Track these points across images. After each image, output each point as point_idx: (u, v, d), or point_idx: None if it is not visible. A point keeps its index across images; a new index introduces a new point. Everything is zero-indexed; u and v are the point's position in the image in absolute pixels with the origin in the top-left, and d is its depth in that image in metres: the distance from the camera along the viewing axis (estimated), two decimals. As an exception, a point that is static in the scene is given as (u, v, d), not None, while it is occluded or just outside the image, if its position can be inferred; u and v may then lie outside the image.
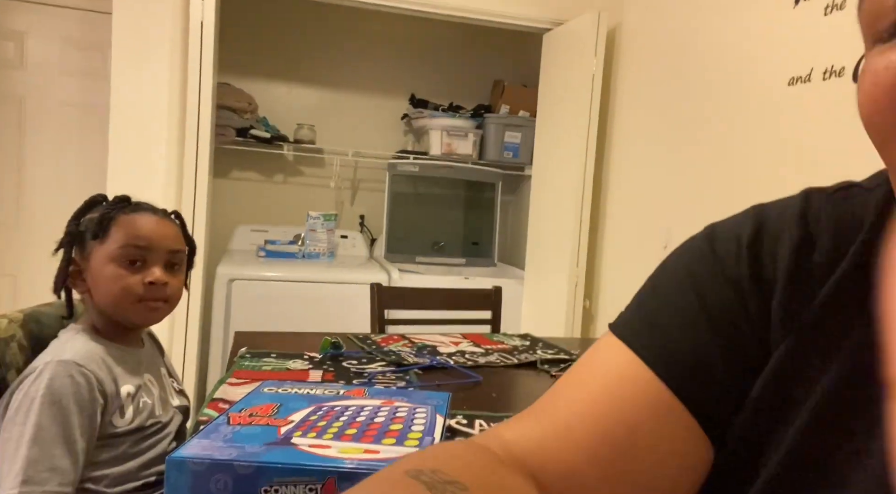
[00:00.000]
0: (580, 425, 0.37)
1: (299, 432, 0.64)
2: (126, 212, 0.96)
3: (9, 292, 2.58)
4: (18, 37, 2.55)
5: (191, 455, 0.56)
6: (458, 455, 0.35)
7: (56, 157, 2.62)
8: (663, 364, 0.38)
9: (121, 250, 0.93)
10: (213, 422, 0.66)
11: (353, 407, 0.73)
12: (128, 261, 0.93)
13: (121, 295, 0.93)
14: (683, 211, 2.00)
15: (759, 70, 1.73)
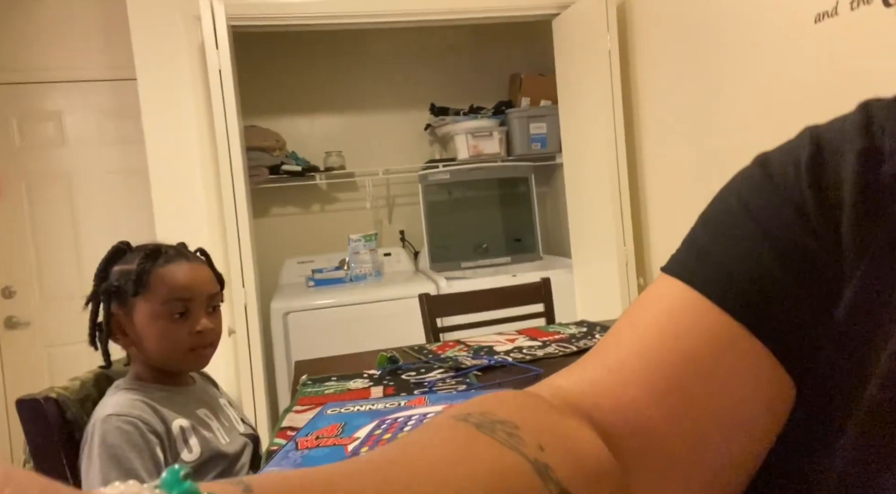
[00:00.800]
0: (634, 360, 0.35)
1: (366, 448, 0.64)
2: (161, 264, 0.97)
3: (84, 358, 2.71)
4: (57, 116, 2.69)
5: None
6: (507, 400, 0.34)
7: (108, 224, 2.75)
8: (721, 292, 0.34)
9: (165, 306, 0.95)
10: (282, 450, 0.67)
11: (416, 416, 0.73)
12: (173, 315, 0.96)
13: (172, 349, 0.97)
14: (723, 170, 1.92)
15: (782, 11, 1.66)
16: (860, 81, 1.44)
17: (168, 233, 2.27)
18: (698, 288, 0.35)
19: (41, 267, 2.69)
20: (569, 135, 2.68)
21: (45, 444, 0.90)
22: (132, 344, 0.99)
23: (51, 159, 2.69)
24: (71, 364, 2.69)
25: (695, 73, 2.04)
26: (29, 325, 2.66)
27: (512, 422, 0.29)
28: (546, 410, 0.33)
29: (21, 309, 2.66)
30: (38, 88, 2.67)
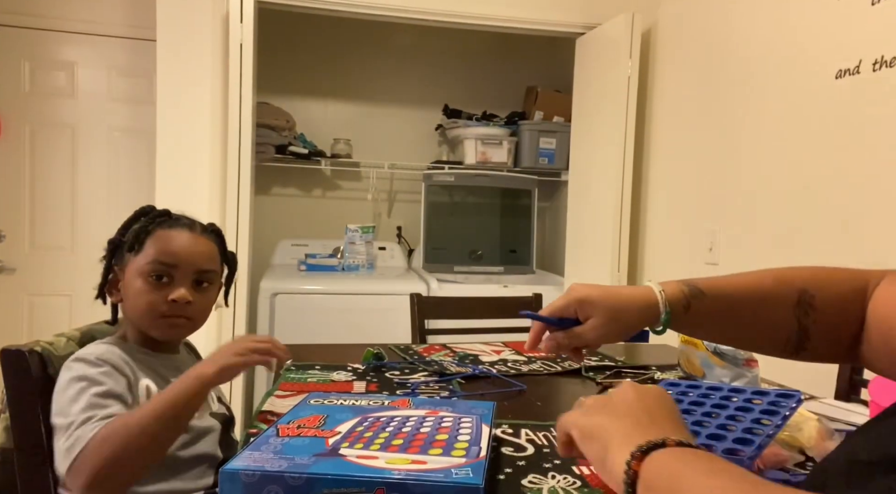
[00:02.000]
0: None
1: (346, 443, 0.64)
2: (163, 227, 0.98)
3: (65, 311, 2.70)
4: (70, 66, 2.67)
5: (243, 467, 0.58)
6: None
7: (107, 181, 2.73)
8: None
9: (149, 266, 0.95)
10: (262, 434, 0.67)
11: (399, 418, 0.74)
12: (154, 277, 0.95)
13: (144, 310, 0.96)
14: (728, 212, 1.95)
15: (803, 64, 1.68)
16: (875, 141, 1.47)
17: (167, 198, 2.26)
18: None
19: (34, 214, 2.67)
20: (578, 154, 2.70)
21: (25, 396, 0.89)
22: (120, 300, 1.00)
23: (58, 109, 2.67)
24: (52, 315, 2.68)
25: (710, 113, 2.06)
26: (15, 271, 2.64)
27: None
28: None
29: (8, 254, 2.63)
30: (56, 36, 2.64)
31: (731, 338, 0.71)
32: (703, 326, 0.69)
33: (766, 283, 0.67)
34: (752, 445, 0.71)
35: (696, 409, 0.85)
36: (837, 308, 0.64)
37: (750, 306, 0.67)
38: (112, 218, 2.76)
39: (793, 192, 1.70)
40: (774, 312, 0.65)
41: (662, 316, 0.66)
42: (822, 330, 0.64)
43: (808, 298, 0.64)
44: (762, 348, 0.70)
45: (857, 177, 1.50)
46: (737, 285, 0.68)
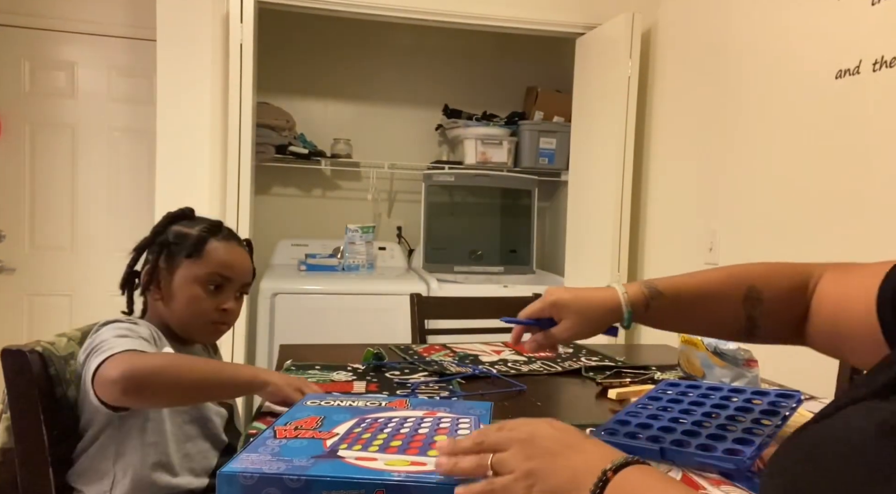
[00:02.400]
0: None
1: (345, 445, 0.64)
2: (218, 239, 1.05)
3: (65, 311, 2.70)
4: (70, 66, 2.67)
5: (241, 470, 0.57)
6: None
7: (107, 181, 2.73)
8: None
9: (208, 275, 1.03)
10: (260, 436, 0.67)
11: (397, 419, 0.73)
12: (210, 286, 1.03)
13: (196, 315, 1.03)
14: (728, 212, 1.95)
15: (803, 64, 1.68)
16: (874, 141, 1.47)
17: (167, 198, 2.26)
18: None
19: (34, 214, 2.67)
20: (578, 154, 2.70)
21: (25, 397, 0.89)
22: (161, 299, 1.04)
23: (58, 109, 2.67)
24: (52, 315, 2.68)
25: (710, 112, 2.06)
26: (14, 271, 2.64)
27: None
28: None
29: (8, 254, 2.63)
30: (56, 36, 2.64)
31: (688, 328, 0.81)
32: (662, 322, 0.78)
33: (719, 281, 0.77)
34: (752, 446, 0.71)
35: (696, 409, 0.85)
36: (782, 300, 0.74)
37: (703, 303, 0.76)
38: (112, 218, 2.78)
39: (793, 192, 1.70)
40: (725, 307, 0.75)
41: (625, 314, 0.75)
42: (769, 319, 0.74)
43: (755, 293, 0.74)
44: (716, 334, 0.81)
45: (856, 177, 1.50)
46: (692, 284, 0.77)
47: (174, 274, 1.02)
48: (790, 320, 0.74)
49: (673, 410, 0.86)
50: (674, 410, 0.86)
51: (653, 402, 0.90)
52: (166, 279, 1.03)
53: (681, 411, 0.85)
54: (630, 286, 0.77)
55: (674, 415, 0.84)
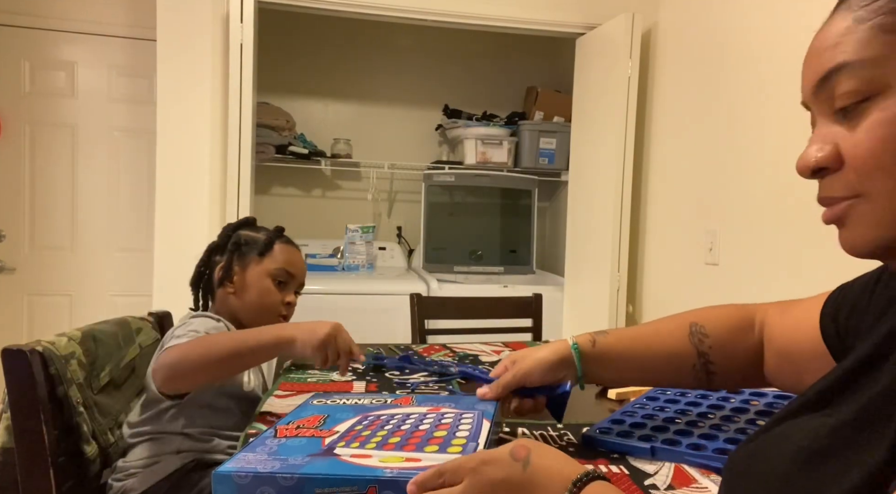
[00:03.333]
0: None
1: (343, 443, 0.64)
2: (282, 242, 1.23)
3: (66, 311, 2.70)
4: (69, 67, 2.68)
5: (235, 469, 0.58)
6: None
7: (107, 181, 2.73)
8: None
9: (278, 270, 1.19)
10: (260, 436, 0.67)
11: (399, 415, 0.73)
12: (278, 281, 1.19)
13: (265, 306, 1.18)
14: (728, 212, 1.95)
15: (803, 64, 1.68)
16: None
17: (168, 197, 2.26)
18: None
19: (34, 214, 2.67)
20: (578, 154, 2.70)
21: (26, 397, 0.90)
22: (234, 293, 1.18)
23: (58, 108, 2.67)
24: (52, 314, 2.68)
25: (711, 113, 2.06)
26: (14, 271, 2.64)
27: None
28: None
29: (8, 254, 2.63)
30: (56, 36, 2.65)
31: (644, 371, 0.78)
32: (611, 361, 0.77)
33: (660, 322, 0.79)
34: None
35: (692, 410, 0.85)
36: (728, 334, 0.74)
37: (648, 337, 0.78)
38: (112, 217, 2.78)
39: (793, 193, 1.70)
40: (672, 341, 0.76)
41: (571, 344, 0.76)
42: (721, 355, 0.74)
43: (698, 328, 0.75)
44: (674, 378, 0.78)
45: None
46: (635, 327, 0.81)
47: (247, 270, 1.18)
48: (743, 357, 0.74)
49: (669, 410, 0.86)
50: (670, 410, 0.86)
51: (650, 402, 0.90)
52: (239, 275, 1.18)
53: (676, 411, 0.85)
54: (578, 335, 0.79)
55: (669, 415, 0.84)
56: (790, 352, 0.69)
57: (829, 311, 0.64)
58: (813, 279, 1.61)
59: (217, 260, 1.21)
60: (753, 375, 0.75)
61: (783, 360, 0.71)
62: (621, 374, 0.79)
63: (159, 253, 2.24)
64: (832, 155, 0.45)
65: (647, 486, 0.66)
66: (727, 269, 1.94)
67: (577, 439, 0.80)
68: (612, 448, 0.76)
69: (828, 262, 1.57)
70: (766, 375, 0.74)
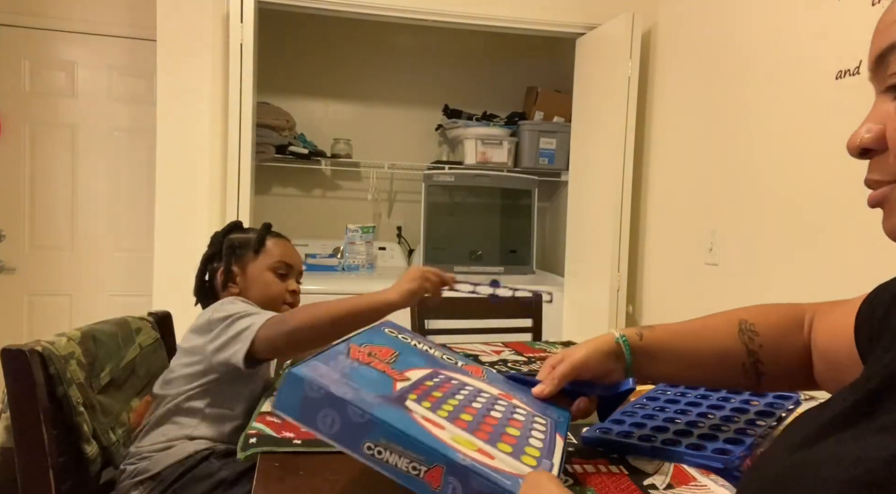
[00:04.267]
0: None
1: (414, 395, 0.58)
2: (273, 236, 1.28)
3: (65, 311, 2.70)
4: (69, 66, 2.68)
5: (309, 377, 0.52)
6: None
7: (107, 181, 2.73)
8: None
9: (277, 263, 1.25)
10: (333, 348, 0.62)
11: (471, 388, 0.67)
12: (279, 274, 1.25)
13: (271, 298, 1.23)
14: (728, 213, 1.95)
15: (803, 64, 1.68)
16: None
17: (167, 197, 2.26)
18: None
19: (34, 214, 2.67)
20: (578, 154, 2.70)
21: (25, 397, 0.90)
22: (239, 293, 1.22)
23: (58, 108, 2.67)
24: (52, 314, 2.68)
25: (711, 113, 2.06)
26: (14, 271, 2.64)
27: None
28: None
29: (8, 254, 2.63)
30: (56, 36, 2.65)
31: (692, 369, 0.74)
32: (660, 355, 0.74)
33: (707, 318, 0.76)
34: (742, 446, 0.71)
35: (692, 410, 0.85)
36: (778, 334, 0.72)
37: (697, 333, 0.74)
38: (112, 217, 2.78)
39: (793, 192, 1.70)
40: (721, 338, 0.73)
41: (618, 338, 0.73)
42: (771, 354, 0.71)
43: (748, 325, 0.72)
44: (725, 377, 0.74)
45: (856, 177, 1.50)
46: (682, 322, 0.77)
47: (246, 270, 1.24)
48: (793, 358, 0.71)
49: (669, 410, 0.86)
50: (670, 410, 0.86)
51: (650, 402, 0.90)
52: (241, 275, 1.24)
53: (676, 411, 0.85)
54: (623, 328, 0.77)
55: (669, 415, 0.84)
56: (830, 356, 0.67)
57: (864, 313, 0.60)
58: (813, 279, 1.61)
59: (215, 266, 1.25)
60: (803, 377, 0.72)
61: (825, 364, 0.68)
62: (669, 369, 0.75)
63: (159, 254, 2.24)
64: (878, 136, 0.42)
65: (647, 486, 0.66)
66: (727, 269, 1.94)
67: (577, 439, 0.80)
68: (611, 447, 0.76)
69: (828, 263, 1.57)
70: (816, 378, 0.71)
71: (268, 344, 1.02)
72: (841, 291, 0.73)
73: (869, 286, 0.63)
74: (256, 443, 0.80)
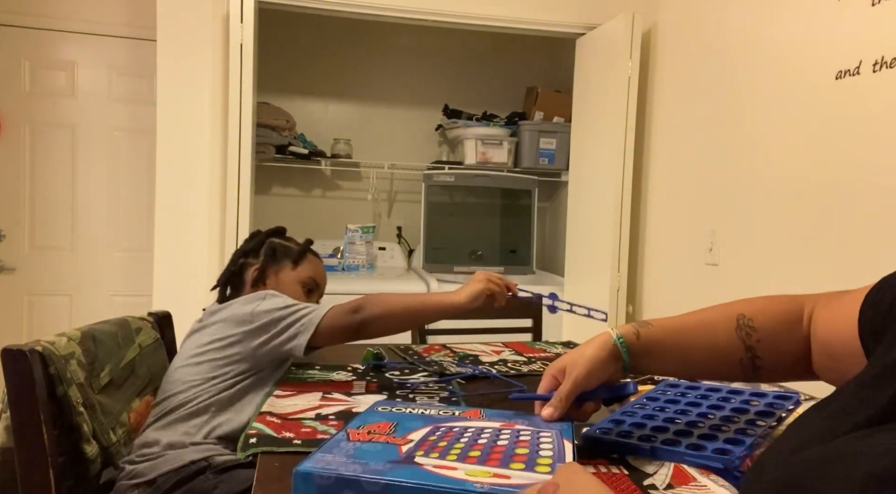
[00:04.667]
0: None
1: (421, 451, 0.62)
2: (312, 253, 1.34)
3: (65, 311, 2.70)
4: (69, 66, 2.68)
5: (317, 469, 0.56)
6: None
7: (107, 181, 2.73)
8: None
9: (308, 279, 1.31)
10: (333, 438, 0.65)
11: (473, 429, 0.71)
12: (307, 289, 1.30)
13: None
14: (728, 212, 1.95)
15: (803, 65, 1.68)
16: (875, 141, 1.47)
17: (167, 197, 2.26)
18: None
19: (34, 214, 2.67)
20: (578, 154, 2.70)
21: (25, 397, 0.90)
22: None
23: (58, 108, 2.67)
24: (52, 314, 2.68)
25: (711, 113, 2.06)
26: (14, 271, 2.64)
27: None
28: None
29: (8, 253, 2.63)
30: (56, 36, 2.65)
31: (689, 364, 0.76)
32: (657, 353, 0.75)
33: (706, 312, 0.76)
34: (742, 446, 0.71)
35: (693, 410, 0.85)
36: (776, 327, 0.72)
37: (693, 330, 0.75)
38: (112, 217, 2.78)
39: (792, 192, 1.70)
40: (718, 334, 0.73)
41: (616, 341, 0.74)
42: (769, 349, 0.72)
43: (746, 321, 0.73)
44: (722, 371, 0.76)
45: (856, 178, 1.51)
46: (679, 317, 0.77)
47: (279, 276, 1.28)
48: (791, 351, 0.71)
49: (669, 410, 0.86)
50: (670, 410, 0.86)
51: (650, 402, 0.90)
52: (272, 279, 1.28)
53: (677, 411, 0.85)
54: (620, 326, 0.77)
55: (669, 415, 0.84)
56: (831, 348, 0.67)
57: (869, 304, 0.60)
58: (813, 279, 1.61)
59: (250, 262, 1.30)
60: (801, 369, 0.72)
61: (825, 356, 0.68)
62: (665, 366, 0.77)
63: (159, 254, 2.24)
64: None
65: (647, 486, 0.66)
66: (727, 269, 1.94)
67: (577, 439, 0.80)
68: (611, 448, 0.76)
69: (828, 262, 1.57)
70: (814, 369, 0.72)
71: (333, 332, 1.09)
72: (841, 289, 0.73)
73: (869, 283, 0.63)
74: (256, 443, 0.80)
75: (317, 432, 0.85)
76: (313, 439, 0.82)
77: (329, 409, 0.96)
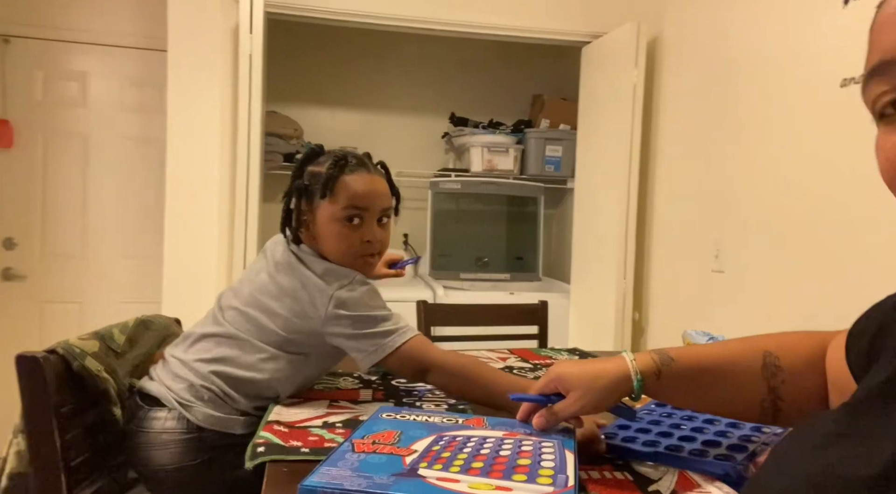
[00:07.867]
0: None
1: (424, 463, 0.63)
2: (346, 173, 1.04)
3: (76, 318, 2.72)
4: (81, 77, 2.71)
5: (321, 484, 0.57)
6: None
7: (118, 189, 2.76)
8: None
9: (344, 211, 1.02)
10: (338, 450, 0.66)
11: (476, 438, 0.72)
12: (349, 220, 1.03)
13: (345, 251, 1.04)
14: (734, 220, 1.95)
15: (807, 72, 1.68)
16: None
17: (177, 205, 2.29)
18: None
19: (46, 222, 2.70)
20: (584, 162, 2.71)
21: (38, 403, 0.91)
22: (313, 240, 1.06)
23: (70, 118, 2.71)
24: (62, 322, 2.71)
25: (716, 121, 2.06)
26: (26, 279, 2.67)
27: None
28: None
29: (20, 261, 2.67)
30: (68, 47, 2.69)
31: (707, 402, 0.73)
32: (677, 392, 0.72)
33: (734, 347, 0.72)
34: (745, 452, 0.72)
35: (698, 416, 0.86)
36: (802, 368, 0.69)
37: (719, 369, 0.70)
38: (122, 225, 2.80)
39: (798, 200, 1.70)
40: (743, 374, 0.69)
41: (635, 383, 0.69)
42: (792, 391, 0.68)
43: (773, 360, 0.69)
44: (740, 412, 0.73)
45: (862, 186, 1.51)
46: (705, 351, 0.73)
47: (316, 216, 1.04)
48: (812, 392, 0.68)
49: (675, 416, 0.86)
50: (676, 416, 0.86)
51: (656, 408, 0.91)
52: (312, 221, 1.05)
53: (682, 417, 0.86)
54: (640, 354, 0.72)
55: (675, 421, 0.84)
56: (838, 383, 0.64)
57: (853, 336, 0.59)
58: (818, 286, 1.61)
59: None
60: (819, 409, 0.68)
61: (837, 393, 0.65)
62: (680, 403, 0.75)
63: (168, 261, 2.27)
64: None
65: (651, 492, 0.67)
66: (733, 277, 1.94)
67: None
68: (616, 453, 0.76)
69: (834, 270, 1.57)
70: (830, 408, 0.69)
71: (399, 363, 0.99)
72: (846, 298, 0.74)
73: (874, 292, 0.62)
74: (264, 452, 0.81)
75: (324, 440, 0.86)
76: (321, 447, 0.82)
77: (336, 417, 0.96)
